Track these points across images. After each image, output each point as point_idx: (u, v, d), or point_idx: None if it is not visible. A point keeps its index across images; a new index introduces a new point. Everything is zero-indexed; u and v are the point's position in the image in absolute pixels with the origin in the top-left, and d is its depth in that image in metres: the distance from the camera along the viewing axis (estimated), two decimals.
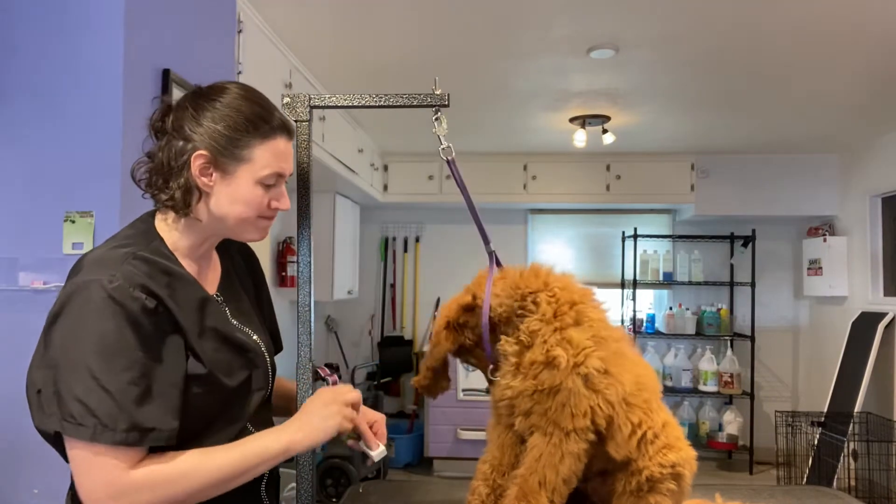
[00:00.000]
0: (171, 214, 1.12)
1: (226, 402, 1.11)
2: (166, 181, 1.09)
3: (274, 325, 1.35)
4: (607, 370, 1.05)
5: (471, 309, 1.18)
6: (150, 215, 1.15)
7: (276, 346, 1.33)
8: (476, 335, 1.17)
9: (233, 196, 1.10)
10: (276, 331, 1.35)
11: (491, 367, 1.16)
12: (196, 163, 1.07)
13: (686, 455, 1.13)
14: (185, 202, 1.08)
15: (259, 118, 1.11)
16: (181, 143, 1.08)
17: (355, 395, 1.15)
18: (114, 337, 0.97)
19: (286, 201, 1.16)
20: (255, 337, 1.21)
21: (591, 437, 1.06)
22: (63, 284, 1.08)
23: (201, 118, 1.08)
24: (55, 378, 0.98)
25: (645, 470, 1.09)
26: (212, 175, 1.09)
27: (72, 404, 0.96)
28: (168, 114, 1.11)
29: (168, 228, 1.12)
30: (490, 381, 1.18)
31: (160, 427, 0.99)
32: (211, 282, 1.19)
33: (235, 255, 1.31)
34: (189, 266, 1.13)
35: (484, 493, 1.13)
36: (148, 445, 0.98)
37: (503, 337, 1.13)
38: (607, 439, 1.08)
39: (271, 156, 1.11)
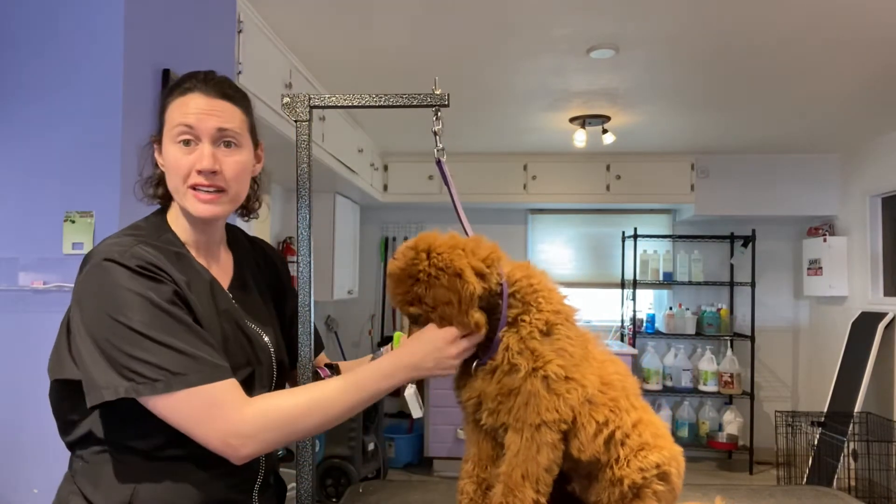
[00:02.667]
0: (172, 205, 1.18)
1: None
2: (149, 179, 1.19)
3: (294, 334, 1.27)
4: (568, 376, 1.06)
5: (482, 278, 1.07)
6: (163, 210, 1.19)
7: (291, 357, 1.28)
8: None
9: (165, 164, 1.14)
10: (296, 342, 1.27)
11: (476, 362, 1.11)
12: (155, 149, 1.16)
13: (669, 453, 1.11)
14: (164, 190, 1.15)
15: (175, 84, 1.14)
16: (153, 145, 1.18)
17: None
18: (143, 299, 1.00)
19: (205, 160, 1.09)
20: (265, 337, 1.20)
21: (564, 426, 1.06)
22: (75, 280, 1.10)
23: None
24: (104, 352, 0.98)
25: (625, 479, 1.08)
26: (160, 155, 1.15)
27: (134, 366, 0.97)
28: None
29: (177, 222, 1.16)
30: (461, 379, 1.14)
31: (222, 363, 1.02)
32: (221, 280, 1.19)
33: (257, 262, 1.31)
34: (199, 258, 1.16)
35: (471, 489, 1.14)
36: (225, 378, 1.00)
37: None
38: (570, 439, 1.08)
39: (178, 112, 1.11)
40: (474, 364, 1.10)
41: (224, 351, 1.08)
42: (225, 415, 0.99)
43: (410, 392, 1.19)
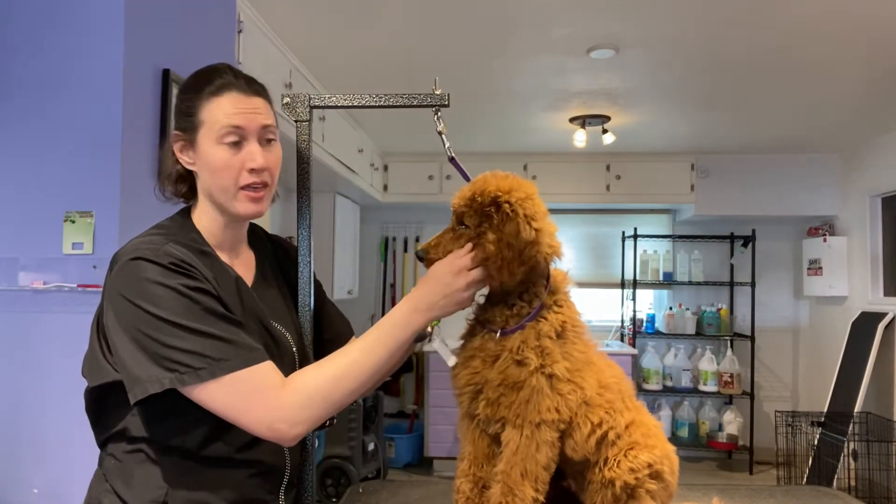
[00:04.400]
0: (196, 204, 1.17)
1: None
2: (169, 175, 1.16)
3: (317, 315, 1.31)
4: (571, 379, 1.08)
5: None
6: (187, 210, 1.19)
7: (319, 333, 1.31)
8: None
9: (206, 165, 1.11)
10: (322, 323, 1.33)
11: (500, 331, 1.10)
12: (176, 146, 1.13)
13: (661, 452, 1.12)
14: (183, 187, 1.14)
15: (200, 81, 1.12)
16: (169, 138, 1.16)
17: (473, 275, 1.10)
18: (175, 291, 1.00)
19: (258, 158, 1.10)
20: (288, 336, 1.21)
21: (562, 426, 1.08)
22: (103, 281, 1.09)
23: (174, 106, 1.16)
24: (142, 346, 0.99)
25: (617, 481, 1.08)
26: (189, 153, 1.13)
27: (175, 356, 0.97)
28: None
29: (200, 220, 1.16)
30: (460, 358, 1.14)
31: (257, 346, 1.03)
32: (245, 278, 1.19)
33: (278, 259, 1.31)
34: (224, 257, 1.16)
35: (467, 488, 1.14)
36: (263, 360, 1.01)
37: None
38: (565, 439, 1.09)
39: (221, 112, 1.09)
40: (498, 334, 1.10)
41: None
42: (266, 401, 1.00)
43: (437, 342, 1.18)
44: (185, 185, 1.16)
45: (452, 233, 1.13)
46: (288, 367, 1.17)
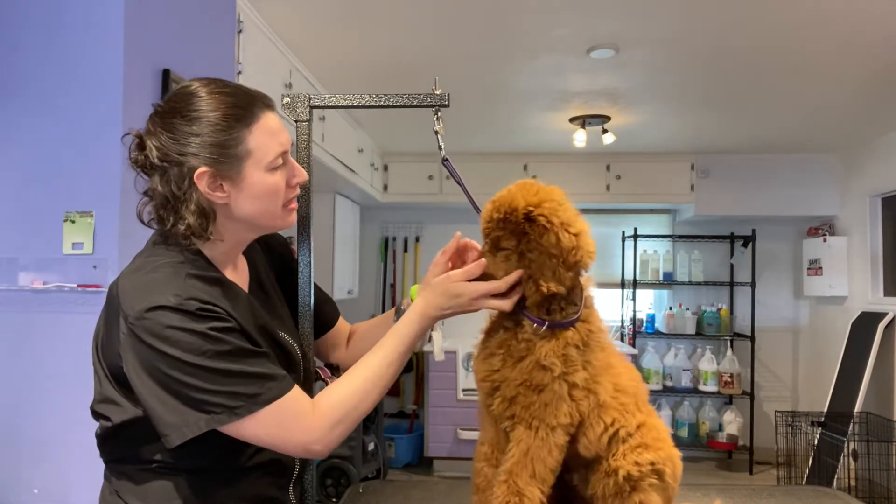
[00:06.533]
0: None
1: None
2: (177, 211, 1.04)
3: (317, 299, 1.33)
4: (588, 388, 1.09)
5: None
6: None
7: (323, 318, 1.36)
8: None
9: (252, 195, 1.07)
10: (321, 304, 1.36)
11: (536, 325, 1.09)
12: (202, 182, 1.03)
13: (665, 454, 1.13)
14: (202, 226, 1.04)
15: (236, 108, 1.05)
16: (175, 169, 1.03)
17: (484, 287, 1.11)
18: (206, 337, 0.97)
19: (302, 172, 1.14)
20: (292, 343, 1.21)
21: (572, 430, 1.09)
22: (107, 312, 1.05)
23: (181, 137, 1.03)
24: (174, 392, 0.97)
25: (620, 470, 1.09)
26: (222, 187, 1.05)
27: (210, 398, 0.97)
28: (144, 146, 1.05)
29: (200, 242, 1.09)
30: (482, 353, 1.14)
31: (284, 372, 1.04)
32: (242, 286, 1.18)
33: (264, 255, 1.29)
34: (225, 271, 1.14)
35: (490, 472, 1.15)
36: (292, 387, 1.03)
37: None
38: (579, 437, 1.10)
39: (266, 138, 1.07)
40: (535, 326, 1.09)
41: None
42: (300, 425, 1.02)
43: (438, 334, 1.22)
44: (207, 219, 1.05)
45: (493, 257, 1.11)
46: (297, 376, 1.18)
